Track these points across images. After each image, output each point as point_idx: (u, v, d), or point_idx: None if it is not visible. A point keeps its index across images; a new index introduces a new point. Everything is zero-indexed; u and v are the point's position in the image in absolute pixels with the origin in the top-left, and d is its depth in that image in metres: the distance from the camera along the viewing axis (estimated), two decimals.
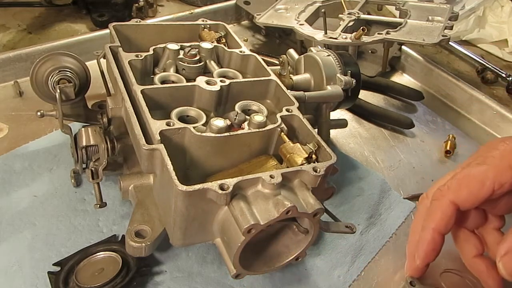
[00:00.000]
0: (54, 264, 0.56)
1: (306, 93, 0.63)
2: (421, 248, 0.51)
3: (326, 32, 0.88)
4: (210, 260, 0.59)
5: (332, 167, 0.49)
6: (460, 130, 0.91)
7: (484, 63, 1.09)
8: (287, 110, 0.56)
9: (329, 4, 1.03)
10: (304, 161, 0.49)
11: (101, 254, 0.56)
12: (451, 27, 0.93)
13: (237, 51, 0.66)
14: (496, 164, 0.49)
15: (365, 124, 0.89)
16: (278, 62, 0.66)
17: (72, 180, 0.66)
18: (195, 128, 0.50)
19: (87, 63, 0.66)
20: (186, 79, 0.60)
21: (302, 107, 0.59)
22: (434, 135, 0.89)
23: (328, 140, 0.69)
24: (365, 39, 0.86)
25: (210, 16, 0.90)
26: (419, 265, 0.52)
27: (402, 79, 1.04)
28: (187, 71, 0.62)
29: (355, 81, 0.65)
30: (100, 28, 1.07)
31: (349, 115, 0.90)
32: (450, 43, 1.14)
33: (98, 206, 0.58)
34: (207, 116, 0.55)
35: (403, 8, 1.02)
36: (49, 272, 0.55)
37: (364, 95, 0.94)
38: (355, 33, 0.86)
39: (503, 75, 1.05)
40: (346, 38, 0.87)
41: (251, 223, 0.43)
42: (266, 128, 0.52)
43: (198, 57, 0.63)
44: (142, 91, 0.53)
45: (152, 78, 0.62)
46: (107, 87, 0.67)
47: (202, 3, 1.24)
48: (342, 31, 0.89)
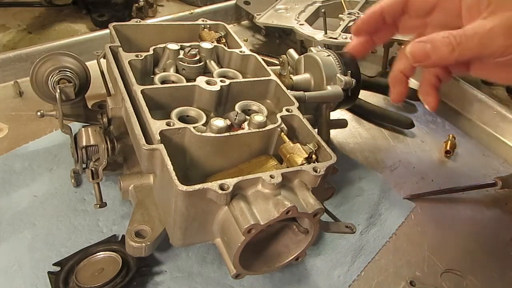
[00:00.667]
0: (54, 264, 0.56)
1: (306, 93, 0.63)
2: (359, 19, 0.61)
3: (326, 32, 0.88)
4: (210, 260, 0.59)
5: (332, 167, 0.49)
6: (460, 130, 0.91)
7: None
8: (287, 110, 0.56)
9: (329, 4, 1.04)
10: (304, 161, 0.49)
11: (101, 254, 0.56)
12: None
13: (237, 51, 0.66)
14: None
15: (365, 124, 0.89)
16: (278, 62, 0.66)
17: (72, 180, 0.66)
18: (195, 128, 0.50)
19: (87, 63, 0.66)
20: (186, 79, 0.60)
21: (302, 107, 0.59)
22: (434, 135, 0.89)
23: (328, 140, 0.69)
24: None
25: (210, 16, 0.90)
26: (353, 33, 0.62)
27: None
28: (187, 71, 0.62)
29: (355, 81, 0.65)
30: (100, 28, 1.07)
31: (349, 115, 0.90)
32: None
33: (98, 206, 0.58)
34: (207, 116, 0.55)
35: None
36: (49, 272, 0.55)
37: (364, 95, 0.94)
38: None
39: None
40: (346, 38, 0.87)
41: (251, 223, 0.43)
42: (266, 128, 0.52)
43: (198, 57, 0.63)
44: (142, 91, 0.53)
45: (152, 78, 0.62)
46: (107, 87, 0.67)
47: (202, 3, 1.24)
48: (342, 31, 0.89)
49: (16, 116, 0.79)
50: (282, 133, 0.52)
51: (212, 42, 0.68)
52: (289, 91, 0.59)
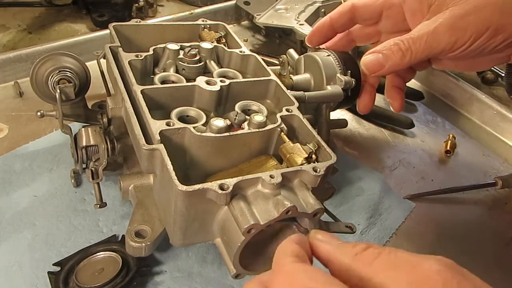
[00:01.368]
0: (54, 264, 0.56)
1: (306, 93, 0.63)
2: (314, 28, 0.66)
3: None
4: (210, 260, 0.59)
5: (332, 167, 0.49)
6: (460, 130, 0.91)
7: None
8: (287, 110, 0.56)
9: (329, 4, 1.03)
10: (304, 161, 0.49)
11: (101, 254, 0.56)
12: None
13: (237, 51, 0.66)
14: None
15: (365, 124, 0.89)
16: (278, 62, 0.66)
17: (72, 180, 0.66)
18: (195, 128, 0.50)
19: (87, 63, 0.66)
20: (186, 79, 0.60)
21: (302, 107, 0.59)
22: (434, 135, 0.89)
23: (328, 140, 0.69)
24: None
25: (210, 16, 0.90)
26: (307, 43, 0.67)
27: None
28: (187, 71, 0.62)
29: (355, 81, 0.65)
30: (100, 28, 1.07)
31: (349, 115, 0.90)
32: None
33: (98, 206, 0.58)
34: (207, 116, 0.55)
35: None
36: (49, 272, 0.55)
37: None
38: None
39: (503, 75, 1.04)
40: None
41: (251, 223, 0.43)
42: (266, 128, 0.52)
43: (198, 57, 0.63)
44: (142, 91, 0.53)
45: (152, 78, 0.62)
46: (107, 87, 0.67)
47: (202, 3, 1.24)
48: None
49: (16, 116, 0.79)
50: (282, 133, 0.52)
51: (212, 42, 0.68)
52: (289, 91, 0.59)
